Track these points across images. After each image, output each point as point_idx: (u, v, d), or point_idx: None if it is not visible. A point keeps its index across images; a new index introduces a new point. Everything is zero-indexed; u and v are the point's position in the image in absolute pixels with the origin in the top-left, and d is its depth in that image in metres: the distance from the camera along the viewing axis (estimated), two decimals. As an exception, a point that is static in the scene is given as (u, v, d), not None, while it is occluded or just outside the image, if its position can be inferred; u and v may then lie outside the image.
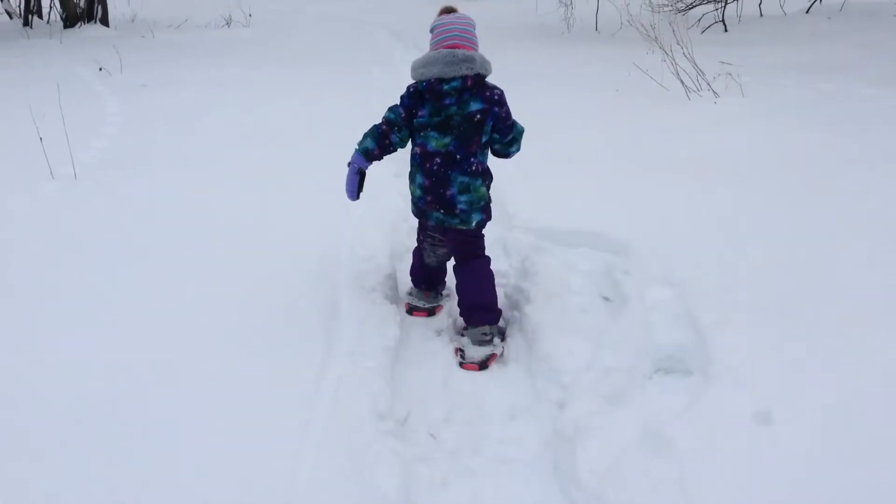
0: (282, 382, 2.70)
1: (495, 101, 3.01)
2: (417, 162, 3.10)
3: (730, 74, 6.84)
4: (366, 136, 3.11)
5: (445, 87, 2.97)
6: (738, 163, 4.83)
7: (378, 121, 3.14)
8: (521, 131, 3.15)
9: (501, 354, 3.14)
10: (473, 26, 3.10)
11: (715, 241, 3.68)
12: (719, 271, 3.34)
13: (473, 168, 3.06)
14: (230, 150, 5.50)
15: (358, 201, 3.26)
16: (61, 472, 2.29)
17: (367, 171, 3.15)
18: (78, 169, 4.91)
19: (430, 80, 2.99)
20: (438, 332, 3.25)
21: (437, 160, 3.04)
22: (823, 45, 9.27)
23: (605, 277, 3.49)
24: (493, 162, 3.16)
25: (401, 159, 5.23)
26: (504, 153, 3.16)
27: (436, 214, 3.13)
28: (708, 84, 6.63)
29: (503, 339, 3.24)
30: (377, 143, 3.09)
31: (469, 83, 2.96)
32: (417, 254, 3.43)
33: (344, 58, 10.07)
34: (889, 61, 7.99)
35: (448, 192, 3.06)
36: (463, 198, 3.07)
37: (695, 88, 6.66)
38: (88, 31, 12.53)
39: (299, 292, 3.35)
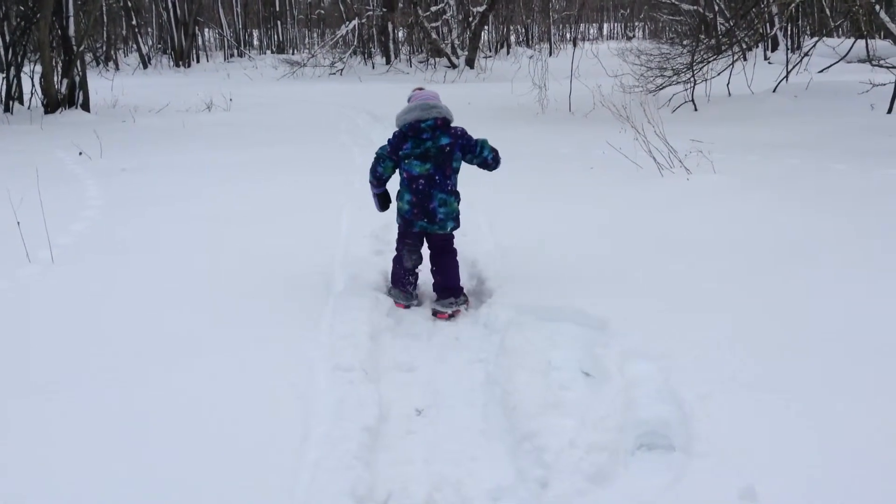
0: (259, 465, 2.64)
1: (459, 136, 4.05)
2: (406, 184, 4.08)
3: (701, 152, 6.98)
4: (369, 170, 4.20)
5: (423, 125, 3.97)
6: (713, 237, 4.90)
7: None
8: (484, 140, 4.11)
9: (466, 309, 4.16)
10: (438, 96, 4.15)
11: (695, 314, 3.70)
12: (700, 345, 3.35)
13: (449, 188, 4.09)
14: (207, 234, 5.51)
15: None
16: None
17: (388, 191, 4.25)
18: (55, 252, 4.89)
19: (411, 122, 3.98)
20: (419, 412, 3.20)
21: (422, 181, 4.02)
22: (791, 123, 9.56)
23: (585, 353, 3.48)
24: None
25: (381, 238, 5.30)
26: (482, 159, 4.11)
27: (420, 223, 4.09)
28: (680, 161, 6.76)
29: (466, 304, 4.20)
30: (372, 174, 4.18)
31: (439, 123, 4.00)
32: (398, 261, 4.25)
33: (324, 139, 10.20)
34: (854, 137, 8.24)
35: (431, 206, 4.05)
36: (442, 209, 4.06)
37: (667, 165, 6.80)
38: (69, 117, 12.65)
39: (277, 368, 3.32)
